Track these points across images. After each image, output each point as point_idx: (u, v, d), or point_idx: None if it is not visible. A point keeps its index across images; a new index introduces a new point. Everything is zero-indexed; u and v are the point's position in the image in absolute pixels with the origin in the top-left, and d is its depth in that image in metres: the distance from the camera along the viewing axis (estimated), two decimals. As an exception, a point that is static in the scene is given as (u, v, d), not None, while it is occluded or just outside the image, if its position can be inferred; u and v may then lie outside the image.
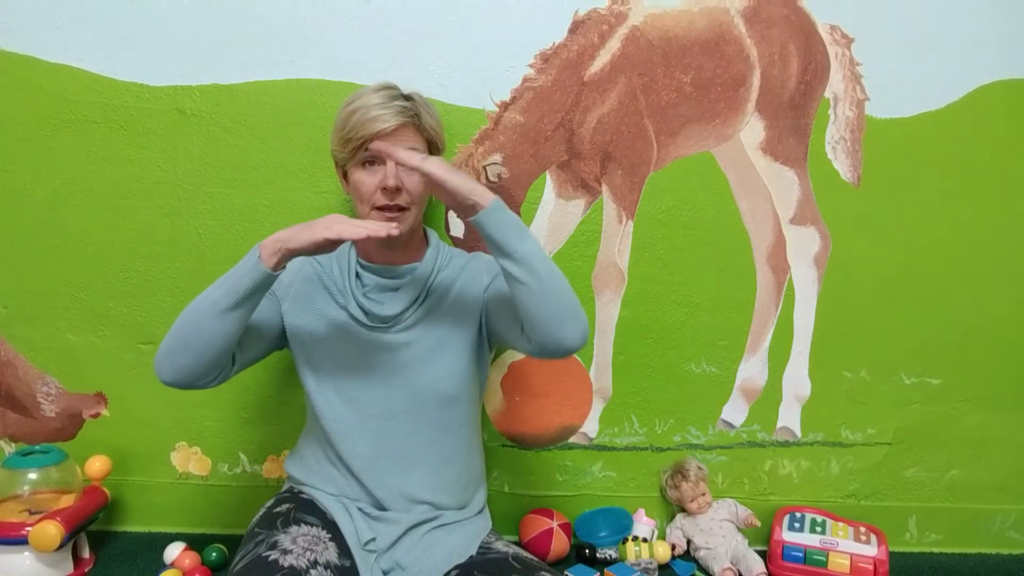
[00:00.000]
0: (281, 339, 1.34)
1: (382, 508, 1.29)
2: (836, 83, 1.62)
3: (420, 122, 1.26)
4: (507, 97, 1.58)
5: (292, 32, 1.54)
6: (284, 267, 1.15)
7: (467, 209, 1.13)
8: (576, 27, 1.57)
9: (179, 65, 1.54)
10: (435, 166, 1.11)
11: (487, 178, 1.59)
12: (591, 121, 1.60)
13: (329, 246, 1.13)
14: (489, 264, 1.35)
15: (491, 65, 1.57)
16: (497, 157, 1.59)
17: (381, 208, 1.25)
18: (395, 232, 1.14)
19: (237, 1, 1.53)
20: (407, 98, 1.26)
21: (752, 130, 1.63)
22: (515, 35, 1.56)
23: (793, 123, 1.63)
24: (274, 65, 1.55)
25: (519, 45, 1.56)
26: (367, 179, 1.25)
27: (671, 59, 1.59)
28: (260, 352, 1.31)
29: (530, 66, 1.57)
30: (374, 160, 1.25)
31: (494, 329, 1.32)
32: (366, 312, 1.30)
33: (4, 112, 1.54)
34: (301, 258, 1.28)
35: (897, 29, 1.61)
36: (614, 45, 1.58)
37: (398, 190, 1.24)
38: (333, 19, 1.54)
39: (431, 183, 1.13)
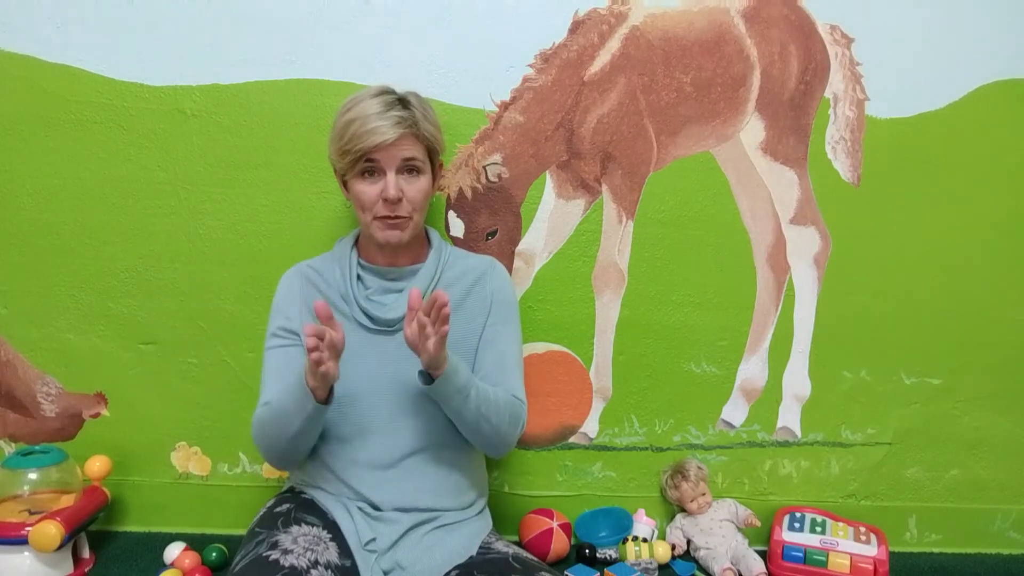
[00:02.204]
0: None
1: (381, 509, 1.29)
2: (836, 83, 1.62)
3: (418, 130, 1.25)
4: (507, 97, 1.57)
5: (292, 32, 1.54)
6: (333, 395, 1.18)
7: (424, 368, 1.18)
8: (576, 27, 1.57)
9: (179, 65, 1.54)
10: (431, 344, 1.11)
11: (487, 178, 1.59)
12: (591, 121, 1.60)
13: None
14: (496, 292, 1.36)
15: (491, 65, 1.57)
16: (497, 157, 1.59)
17: (382, 218, 1.25)
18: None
19: (237, 1, 1.53)
20: (404, 104, 1.25)
21: (752, 130, 1.63)
22: (515, 35, 1.56)
23: (793, 123, 1.63)
24: (273, 65, 1.55)
25: (519, 45, 1.56)
26: (368, 189, 1.25)
27: (671, 59, 1.59)
28: None
29: (530, 66, 1.57)
30: (374, 170, 1.24)
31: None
32: (369, 316, 1.29)
33: (4, 112, 1.54)
34: (291, 276, 1.35)
35: (897, 29, 1.61)
36: (614, 45, 1.58)
37: (399, 200, 1.24)
38: (333, 19, 1.54)
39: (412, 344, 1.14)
